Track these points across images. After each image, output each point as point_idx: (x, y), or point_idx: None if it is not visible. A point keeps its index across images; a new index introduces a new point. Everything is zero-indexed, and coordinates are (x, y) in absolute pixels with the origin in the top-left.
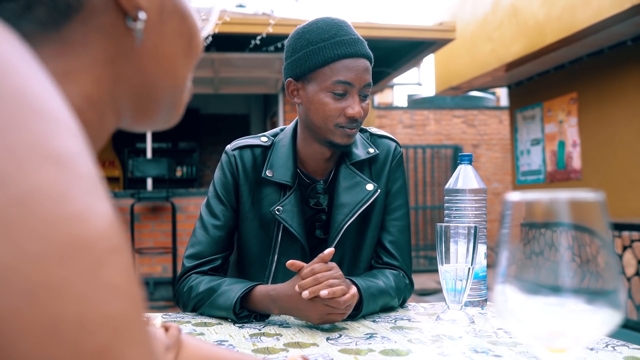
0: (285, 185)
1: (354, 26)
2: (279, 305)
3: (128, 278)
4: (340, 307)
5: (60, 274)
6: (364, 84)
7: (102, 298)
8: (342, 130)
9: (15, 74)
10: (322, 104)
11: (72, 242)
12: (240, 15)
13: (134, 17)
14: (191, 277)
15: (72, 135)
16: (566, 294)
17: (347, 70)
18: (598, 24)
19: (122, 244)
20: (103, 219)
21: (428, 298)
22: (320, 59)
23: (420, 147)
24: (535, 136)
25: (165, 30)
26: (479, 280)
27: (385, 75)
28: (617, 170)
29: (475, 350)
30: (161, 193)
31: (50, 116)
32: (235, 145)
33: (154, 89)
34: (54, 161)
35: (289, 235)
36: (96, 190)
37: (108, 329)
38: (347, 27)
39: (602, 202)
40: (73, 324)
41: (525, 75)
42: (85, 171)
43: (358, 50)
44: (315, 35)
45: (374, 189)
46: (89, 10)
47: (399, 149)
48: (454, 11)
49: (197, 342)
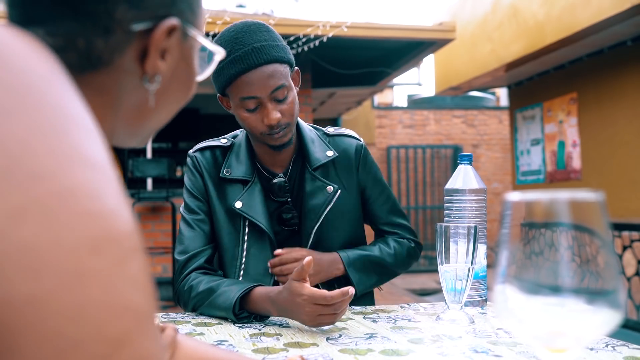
0: (245, 181)
1: (354, 26)
2: (277, 307)
3: (147, 275)
4: (329, 302)
5: (90, 264)
6: (270, 91)
7: (127, 289)
8: (269, 137)
9: (53, 88)
10: (242, 119)
11: (103, 236)
12: (240, 15)
13: (151, 80)
14: (191, 276)
15: (101, 143)
16: (566, 294)
17: (247, 85)
18: (598, 24)
19: (141, 244)
20: (128, 219)
21: (428, 298)
22: (223, 80)
23: (420, 147)
24: (535, 136)
25: (171, 88)
26: (479, 280)
27: (385, 75)
28: (617, 170)
29: (475, 350)
30: (161, 193)
31: (85, 126)
32: (196, 147)
33: (144, 129)
34: (90, 164)
35: (254, 227)
36: (121, 192)
37: (130, 318)
38: (245, 36)
39: (602, 202)
40: (99, 309)
41: (525, 75)
42: (113, 175)
43: (252, 62)
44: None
45: (333, 190)
46: (115, 67)
47: (360, 144)
48: (454, 11)
49: (193, 342)
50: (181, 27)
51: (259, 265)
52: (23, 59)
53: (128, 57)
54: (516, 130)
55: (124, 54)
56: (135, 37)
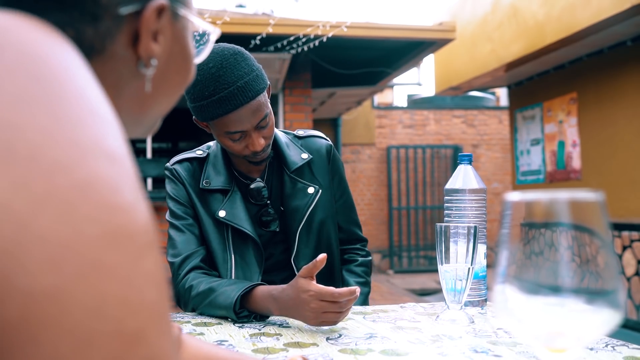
0: (225, 190)
1: (354, 26)
2: (279, 306)
3: (161, 271)
4: (337, 298)
5: (108, 257)
6: (256, 123)
7: (144, 284)
8: (252, 157)
9: (75, 78)
10: (227, 146)
11: (121, 230)
12: (240, 15)
13: (147, 64)
14: (190, 275)
15: (120, 136)
16: (566, 294)
17: (234, 122)
18: (598, 24)
19: (156, 240)
20: (145, 214)
21: (428, 298)
22: (208, 116)
23: (420, 147)
24: (535, 136)
25: (168, 71)
26: (478, 280)
27: (385, 75)
28: (617, 170)
29: (475, 350)
30: (161, 193)
31: (104, 118)
32: (173, 160)
33: (147, 117)
34: (109, 157)
35: (238, 232)
36: (140, 187)
37: (145, 314)
38: (228, 73)
39: (602, 202)
40: (117, 304)
41: (525, 75)
42: (132, 169)
43: (239, 102)
44: (198, 92)
45: (314, 191)
46: (109, 54)
47: (329, 144)
48: (454, 11)
49: (196, 342)
50: (170, 6)
51: (246, 267)
52: (43, 47)
53: (120, 42)
54: (516, 130)
55: (115, 39)
56: (125, 22)
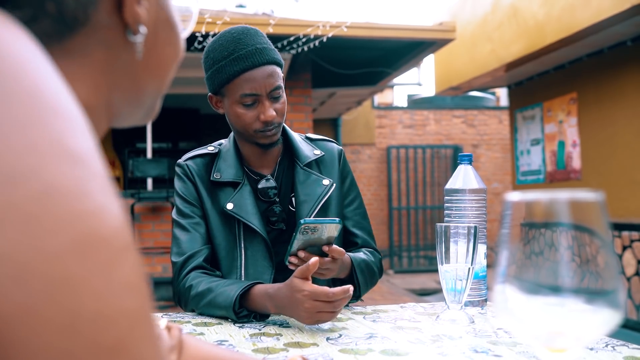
0: (235, 183)
1: (354, 26)
2: (275, 304)
3: (140, 275)
4: (330, 298)
5: (78, 269)
6: (270, 89)
7: (118, 294)
8: (262, 134)
9: (31, 72)
10: (237, 115)
11: (89, 238)
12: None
13: (135, 31)
14: (190, 275)
15: (86, 134)
16: (566, 294)
17: (248, 82)
18: (598, 24)
19: (132, 242)
20: (117, 216)
21: (428, 298)
22: (224, 77)
23: (420, 147)
24: (535, 136)
25: (158, 41)
26: (479, 280)
27: (385, 75)
28: (617, 170)
29: (475, 350)
30: (161, 193)
31: (66, 114)
32: (186, 157)
33: (144, 94)
34: (72, 159)
35: (249, 228)
36: (109, 188)
37: (124, 325)
38: (247, 38)
39: (602, 202)
40: (91, 319)
41: (525, 75)
42: (99, 170)
43: (256, 61)
44: (218, 54)
45: (329, 183)
46: (93, 24)
47: (340, 148)
48: (454, 11)
49: (197, 342)
50: None
51: (257, 263)
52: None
53: (103, 10)
54: (516, 130)
55: (98, 7)
56: None
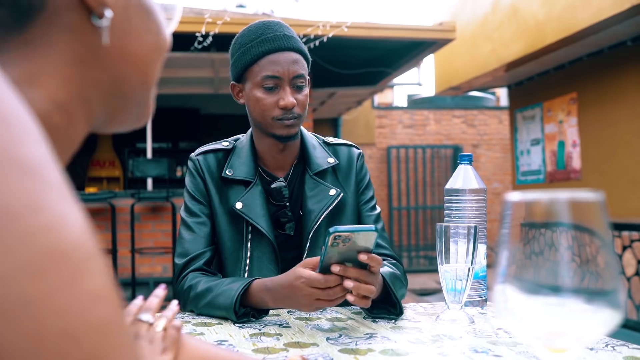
0: (247, 182)
1: (354, 26)
2: (273, 296)
3: (107, 283)
4: (324, 285)
5: (39, 287)
6: (293, 75)
7: (85, 307)
8: (281, 123)
9: None
10: (257, 100)
11: (48, 253)
12: (240, 15)
13: (100, 14)
14: (189, 275)
15: (38, 142)
16: (566, 294)
17: (272, 64)
18: (598, 24)
19: (97, 250)
20: (77, 226)
21: (428, 298)
22: (249, 58)
23: (420, 147)
24: (535, 136)
25: (132, 28)
26: (479, 280)
27: (385, 75)
28: (617, 170)
29: (475, 350)
30: (161, 193)
31: (14, 123)
32: (198, 151)
33: (124, 87)
34: (24, 170)
35: (256, 229)
36: (67, 197)
37: (94, 337)
38: (276, 26)
39: (602, 202)
40: (58, 336)
41: (525, 75)
42: (55, 179)
43: (282, 44)
44: (245, 38)
45: (336, 193)
46: (52, 9)
47: (358, 151)
48: (454, 11)
49: (196, 342)
50: None
51: (263, 267)
52: None
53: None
54: (516, 130)
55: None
56: None
